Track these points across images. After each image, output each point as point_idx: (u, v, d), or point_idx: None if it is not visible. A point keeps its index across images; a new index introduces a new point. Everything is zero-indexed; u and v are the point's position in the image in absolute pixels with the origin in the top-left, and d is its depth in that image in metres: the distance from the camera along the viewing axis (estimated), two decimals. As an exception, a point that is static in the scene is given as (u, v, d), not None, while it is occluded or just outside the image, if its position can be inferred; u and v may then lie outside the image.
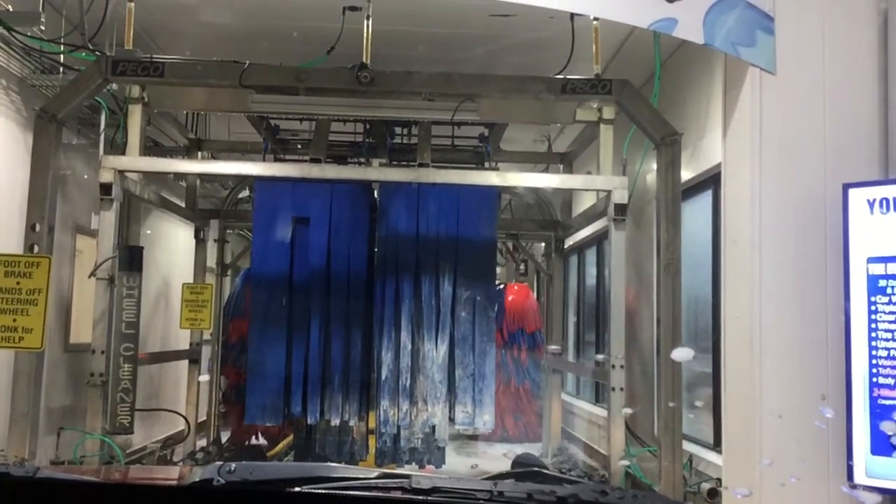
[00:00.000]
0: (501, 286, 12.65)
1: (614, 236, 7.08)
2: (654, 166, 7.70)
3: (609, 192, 7.06)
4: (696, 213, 7.11)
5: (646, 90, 6.63)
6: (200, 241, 9.76)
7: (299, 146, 9.27)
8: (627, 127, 7.10)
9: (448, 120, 6.84)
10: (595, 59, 6.21)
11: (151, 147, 8.48)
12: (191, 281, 9.47)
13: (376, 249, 7.82)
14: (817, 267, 4.32)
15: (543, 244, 11.22)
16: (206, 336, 9.93)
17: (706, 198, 7.35)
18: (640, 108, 5.85)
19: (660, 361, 6.09)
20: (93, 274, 6.65)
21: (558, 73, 6.22)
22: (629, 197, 7.04)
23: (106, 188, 6.49)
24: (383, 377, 7.52)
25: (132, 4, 5.98)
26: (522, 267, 13.47)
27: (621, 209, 6.98)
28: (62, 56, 6.81)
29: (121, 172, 6.66)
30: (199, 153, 9.27)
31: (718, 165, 6.99)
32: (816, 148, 4.39)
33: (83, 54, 6.24)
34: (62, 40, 6.47)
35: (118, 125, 7.51)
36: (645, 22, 4.12)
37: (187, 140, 9.16)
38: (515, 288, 13.08)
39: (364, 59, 5.79)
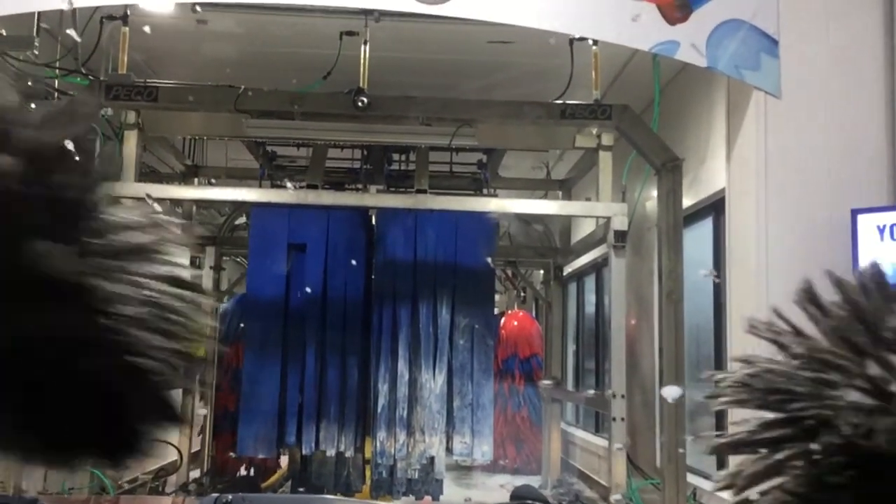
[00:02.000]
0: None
1: (614, 263, 7.00)
2: (654, 193, 7.65)
3: (608, 218, 6.99)
4: (696, 240, 7.04)
5: (645, 116, 6.58)
6: (196, 268, 9.66)
7: (296, 175, 9.19)
8: (626, 154, 7.07)
9: (446, 145, 6.77)
10: (594, 84, 6.16)
11: (147, 173, 8.39)
12: (186, 308, 9.34)
13: (373, 277, 7.71)
14: (825, 295, 4.21)
15: (542, 271, 11.11)
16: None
17: (706, 225, 7.28)
18: (640, 133, 5.79)
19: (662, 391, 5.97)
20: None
21: (557, 99, 6.17)
22: (629, 224, 7.00)
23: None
24: (380, 406, 7.38)
25: (126, 29, 5.93)
26: (522, 294, 13.36)
27: (621, 236, 6.91)
28: (57, 82, 6.78)
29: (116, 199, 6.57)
30: (196, 179, 9.18)
31: (719, 192, 6.95)
32: (823, 173, 4.31)
33: (77, 79, 6.18)
34: (57, 65, 6.41)
35: (114, 153, 7.44)
36: (646, 45, 4.06)
37: (184, 167, 9.09)
38: (520, 314, 12.98)
39: (361, 84, 5.74)
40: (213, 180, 9.32)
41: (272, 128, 6.46)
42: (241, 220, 9.65)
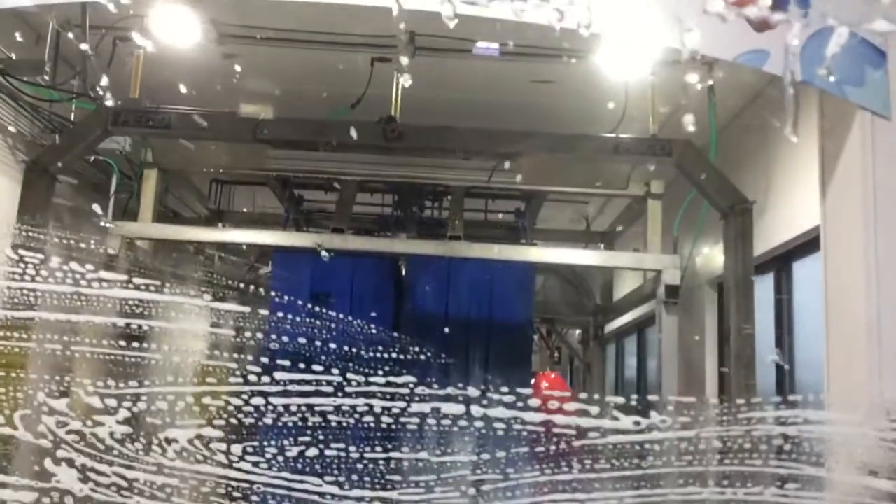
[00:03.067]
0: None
1: (665, 321, 6.52)
2: (705, 250, 7.07)
3: (658, 272, 6.51)
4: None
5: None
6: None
7: (323, 221, 8.75)
8: (675, 205, 6.61)
9: (484, 186, 6.23)
10: (651, 118, 5.62)
11: (170, 216, 8.00)
12: (205, 359, 8.85)
13: (399, 329, 7.16)
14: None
15: (579, 331, 10.53)
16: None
17: (767, 282, 6.72)
18: (704, 171, 5.21)
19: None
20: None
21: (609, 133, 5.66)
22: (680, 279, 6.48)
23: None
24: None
25: (141, 51, 5.51)
26: (557, 354, 12.69)
27: (673, 291, 6.42)
28: (73, 114, 6.44)
29: (130, 240, 6.21)
30: (220, 224, 8.76)
31: (781, 246, 6.36)
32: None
33: (85, 104, 5.79)
34: (68, 92, 6.04)
35: (132, 192, 7.08)
36: (731, 54, 3.52)
37: (207, 210, 8.69)
38: (552, 376, 12.28)
39: (392, 113, 5.24)
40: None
41: (295, 159, 5.98)
42: (267, 269, 9.19)
